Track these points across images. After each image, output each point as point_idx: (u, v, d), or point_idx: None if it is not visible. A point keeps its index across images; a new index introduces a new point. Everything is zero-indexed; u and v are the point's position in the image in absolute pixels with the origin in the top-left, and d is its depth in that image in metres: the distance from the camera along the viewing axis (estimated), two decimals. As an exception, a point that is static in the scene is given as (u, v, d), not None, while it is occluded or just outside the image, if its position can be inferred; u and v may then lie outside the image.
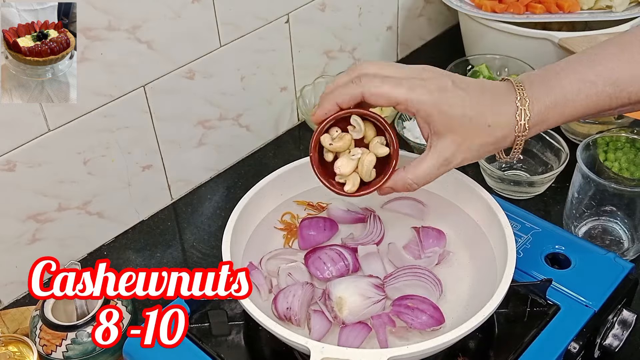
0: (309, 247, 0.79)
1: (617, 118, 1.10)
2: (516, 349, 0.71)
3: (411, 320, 0.68)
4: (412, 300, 0.70)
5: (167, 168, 1.06)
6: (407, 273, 0.73)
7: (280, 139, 1.21)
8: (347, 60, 1.27)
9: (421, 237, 0.78)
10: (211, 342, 0.74)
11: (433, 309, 0.69)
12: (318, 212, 0.84)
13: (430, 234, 0.79)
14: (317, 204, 0.84)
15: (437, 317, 0.69)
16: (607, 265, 0.79)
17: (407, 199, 0.83)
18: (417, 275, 0.72)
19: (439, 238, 0.78)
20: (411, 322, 0.68)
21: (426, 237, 0.78)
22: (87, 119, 0.91)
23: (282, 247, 0.81)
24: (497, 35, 1.20)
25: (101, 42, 0.88)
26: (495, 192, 1.05)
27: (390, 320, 0.69)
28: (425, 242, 0.78)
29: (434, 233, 0.79)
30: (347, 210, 0.82)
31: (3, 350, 0.81)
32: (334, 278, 0.73)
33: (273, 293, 0.73)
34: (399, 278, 0.73)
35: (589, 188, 0.90)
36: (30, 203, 0.90)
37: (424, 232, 0.79)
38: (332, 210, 0.83)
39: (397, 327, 0.70)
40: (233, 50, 1.05)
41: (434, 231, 0.79)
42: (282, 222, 0.83)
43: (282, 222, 0.83)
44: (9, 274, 0.93)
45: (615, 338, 0.77)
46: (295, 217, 0.83)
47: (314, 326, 0.69)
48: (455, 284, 0.75)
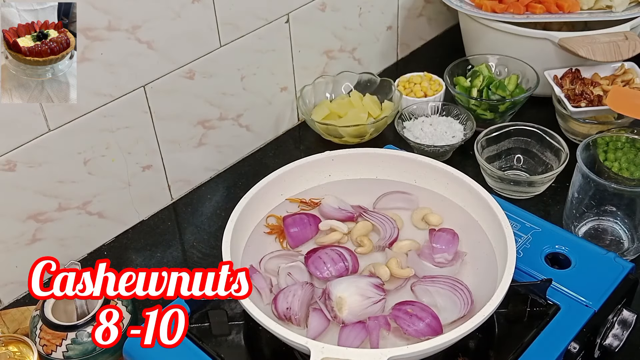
0: (299, 244, 0.79)
1: (617, 118, 1.10)
2: (516, 349, 0.71)
3: (407, 326, 0.68)
4: (412, 307, 0.70)
5: (167, 168, 1.06)
6: (446, 283, 0.72)
7: (280, 139, 1.22)
8: (347, 61, 1.27)
9: (436, 240, 0.77)
10: (211, 342, 0.74)
11: (432, 318, 0.69)
12: (311, 208, 0.84)
13: (444, 238, 0.77)
14: (309, 200, 0.84)
15: (434, 326, 0.68)
16: (607, 265, 0.79)
17: (397, 192, 0.84)
18: (453, 288, 0.71)
19: (453, 240, 0.77)
20: (406, 328, 0.68)
21: (440, 240, 0.77)
22: (87, 119, 0.91)
23: (281, 247, 0.80)
24: (497, 35, 1.20)
25: (101, 42, 0.88)
26: (495, 192, 1.05)
27: (387, 323, 0.69)
28: (442, 245, 0.77)
29: (447, 236, 0.77)
30: (338, 208, 0.82)
31: (3, 350, 0.81)
32: (333, 278, 0.73)
33: (273, 293, 0.73)
34: (436, 284, 0.72)
35: (589, 188, 0.90)
36: (30, 203, 0.90)
37: (437, 235, 0.78)
38: (324, 207, 0.83)
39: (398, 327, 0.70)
40: (233, 50, 1.05)
41: (448, 234, 0.78)
42: (268, 225, 0.82)
43: (268, 225, 0.82)
44: (9, 274, 0.93)
45: (615, 338, 0.77)
46: (280, 218, 0.83)
47: (310, 324, 0.69)
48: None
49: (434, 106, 1.17)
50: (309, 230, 0.80)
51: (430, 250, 0.76)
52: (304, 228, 0.80)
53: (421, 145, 1.10)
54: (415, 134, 1.13)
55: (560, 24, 1.28)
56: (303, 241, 0.79)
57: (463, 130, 1.13)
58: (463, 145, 1.12)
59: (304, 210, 0.83)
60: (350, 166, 0.86)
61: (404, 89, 1.23)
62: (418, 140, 1.12)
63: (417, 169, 0.85)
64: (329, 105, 1.19)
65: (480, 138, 1.06)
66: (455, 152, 1.13)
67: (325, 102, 1.21)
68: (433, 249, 0.76)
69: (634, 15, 1.17)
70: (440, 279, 0.73)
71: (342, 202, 0.83)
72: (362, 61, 1.30)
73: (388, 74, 1.34)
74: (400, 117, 1.15)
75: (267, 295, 0.73)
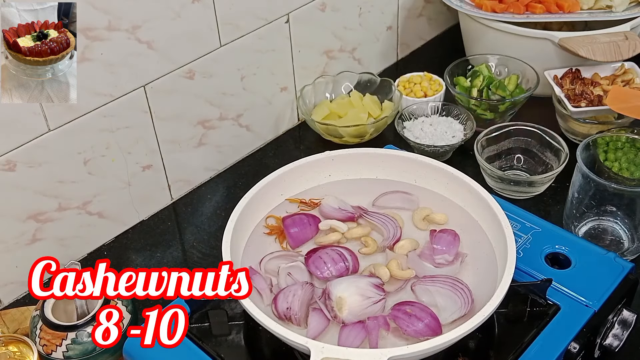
0: (299, 244, 0.79)
1: (617, 118, 1.10)
2: (516, 349, 0.71)
3: (406, 326, 0.68)
4: (411, 307, 0.70)
5: (167, 168, 1.06)
6: (446, 282, 0.72)
7: (280, 139, 1.22)
8: (347, 61, 1.27)
9: (437, 242, 0.77)
10: (211, 342, 0.74)
11: (431, 318, 0.69)
12: (311, 208, 0.84)
13: (445, 239, 0.77)
14: (309, 200, 0.84)
15: (433, 327, 0.68)
16: (607, 265, 0.79)
17: (397, 192, 0.84)
18: (453, 287, 0.71)
19: (454, 242, 0.77)
20: (405, 329, 0.68)
21: (441, 241, 0.77)
22: (87, 119, 0.91)
23: (281, 247, 0.80)
24: (497, 35, 1.20)
25: (101, 42, 0.88)
26: (495, 192, 1.05)
27: (386, 323, 0.69)
28: (443, 246, 0.76)
29: (449, 237, 0.77)
30: (339, 209, 0.82)
31: (3, 350, 0.81)
32: (333, 278, 0.73)
33: (273, 293, 0.73)
34: (437, 283, 0.72)
35: (589, 188, 0.90)
36: (30, 203, 0.90)
37: (438, 236, 0.77)
38: (324, 207, 0.83)
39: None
40: (233, 50, 1.05)
41: (449, 235, 0.77)
42: (267, 226, 0.82)
43: (268, 226, 0.82)
44: (9, 274, 0.93)
45: (616, 338, 0.77)
46: (279, 219, 0.82)
47: (310, 324, 0.69)
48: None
49: (434, 106, 1.17)
50: (309, 230, 0.80)
51: (431, 251, 0.76)
52: (304, 228, 0.80)
53: (421, 145, 1.10)
54: (415, 134, 1.13)
55: (560, 24, 1.28)
56: (303, 241, 0.79)
57: (463, 130, 1.13)
58: (463, 145, 1.12)
59: (303, 211, 0.83)
60: (351, 166, 0.86)
61: (404, 89, 1.23)
62: (418, 140, 1.11)
63: (417, 169, 0.85)
64: (329, 105, 1.19)
65: (480, 138, 1.06)
66: (455, 152, 1.13)
67: (325, 102, 1.21)
68: (434, 249, 0.76)
69: (634, 15, 1.17)
70: (441, 278, 0.73)
71: (342, 203, 0.83)
72: (362, 61, 1.30)
73: (388, 74, 1.34)
74: (401, 117, 1.15)
75: (268, 295, 0.73)
